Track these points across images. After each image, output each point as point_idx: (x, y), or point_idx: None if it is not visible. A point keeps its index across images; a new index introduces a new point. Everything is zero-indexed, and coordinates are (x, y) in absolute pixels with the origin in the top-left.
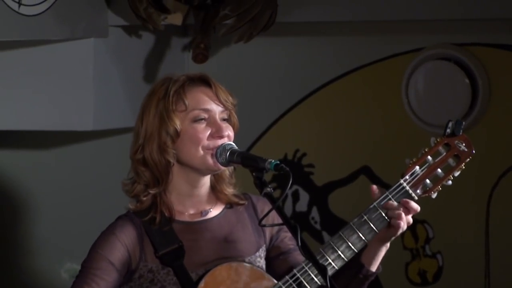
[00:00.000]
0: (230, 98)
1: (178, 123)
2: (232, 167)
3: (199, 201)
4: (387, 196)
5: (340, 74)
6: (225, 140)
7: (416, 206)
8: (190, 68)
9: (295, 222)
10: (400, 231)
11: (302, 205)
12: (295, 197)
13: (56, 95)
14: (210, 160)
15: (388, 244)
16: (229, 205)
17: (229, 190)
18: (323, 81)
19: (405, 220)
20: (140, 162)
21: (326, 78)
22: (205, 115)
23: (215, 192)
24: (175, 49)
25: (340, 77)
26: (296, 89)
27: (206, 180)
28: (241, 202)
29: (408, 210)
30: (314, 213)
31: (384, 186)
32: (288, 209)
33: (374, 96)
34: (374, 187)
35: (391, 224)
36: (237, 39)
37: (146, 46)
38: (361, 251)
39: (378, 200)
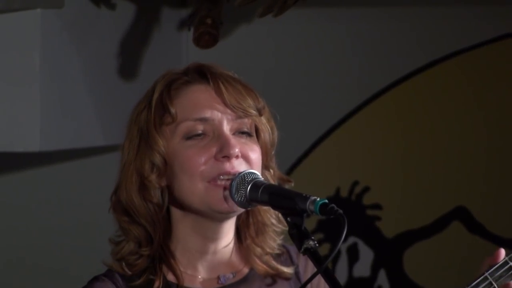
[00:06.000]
0: (249, 99)
1: (162, 145)
2: None
3: (217, 261)
4: (506, 263)
5: (421, 65)
6: (240, 164)
7: None
8: (190, 55)
9: None
10: None
11: (363, 268)
12: (353, 255)
13: None
14: (216, 197)
15: None
16: (270, 276)
17: (272, 246)
18: (394, 77)
19: None
20: (119, 210)
21: (399, 72)
22: (202, 127)
23: (246, 248)
24: (168, 27)
25: (422, 70)
26: (353, 89)
27: (227, 228)
28: (288, 272)
29: None
30: (382, 279)
31: (490, 238)
32: (342, 273)
33: (473, 97)
34: (502, 251)
35: None
36: (262, 11)
37: (123, 22)
38: None
39: (492, 270)
